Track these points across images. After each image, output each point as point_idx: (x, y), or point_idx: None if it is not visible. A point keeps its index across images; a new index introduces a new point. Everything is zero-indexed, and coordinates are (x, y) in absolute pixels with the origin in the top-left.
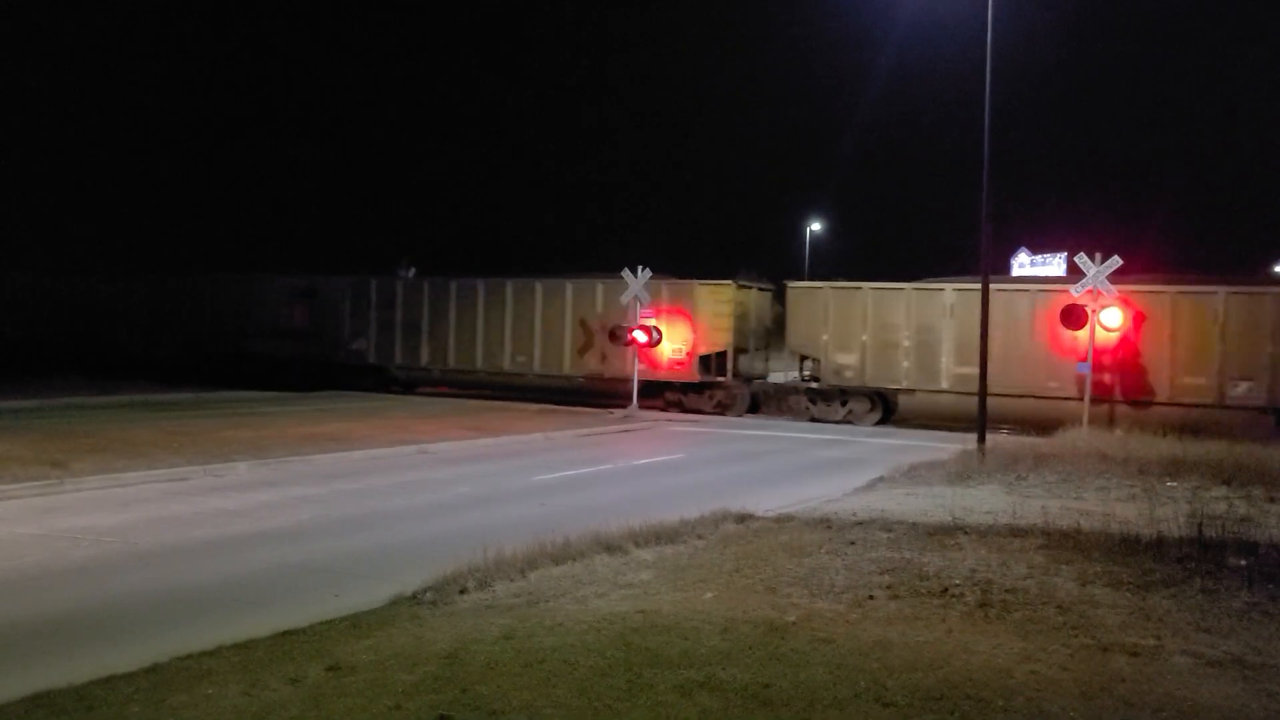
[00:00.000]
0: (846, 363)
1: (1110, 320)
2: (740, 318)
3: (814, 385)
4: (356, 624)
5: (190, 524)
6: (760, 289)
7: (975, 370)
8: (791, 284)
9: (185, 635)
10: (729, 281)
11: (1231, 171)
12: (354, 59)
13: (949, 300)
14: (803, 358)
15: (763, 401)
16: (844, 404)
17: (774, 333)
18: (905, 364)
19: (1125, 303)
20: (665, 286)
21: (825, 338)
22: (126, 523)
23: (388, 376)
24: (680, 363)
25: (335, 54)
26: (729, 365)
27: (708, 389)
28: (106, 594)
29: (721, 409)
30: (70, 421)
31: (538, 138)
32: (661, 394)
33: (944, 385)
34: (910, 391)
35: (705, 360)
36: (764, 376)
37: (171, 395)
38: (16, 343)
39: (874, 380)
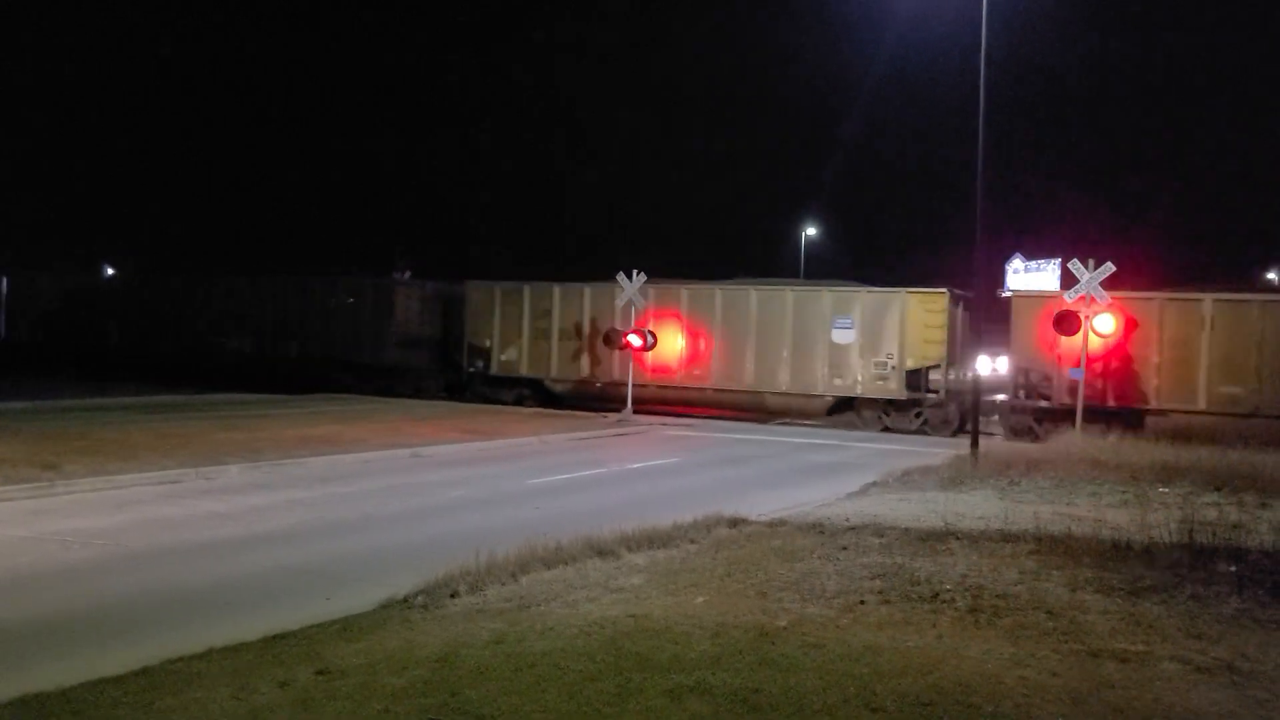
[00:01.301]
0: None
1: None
2: (951, 329)
3: (1044, 404)
4: (347, 627)
5: (182, 526)
6: (967, 299)
7: (1240, 389)
8: (1017, 292)
9: (175, 638)
10: (943, 290)
11: (1225, 178)
12: (345, 57)
13: (1207, 312)
14: (1019, 372)
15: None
16: (1074, 425)
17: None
18: (1155, 381)
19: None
20: (866, 295)
21: (1057, 351)
22: (118, 525)
23: (543, 390)
24: (884, 377)
25: (324, 52)
26: (943, 380)
27: (913, 406)
28: (96, 596)
29: (927, 428)
30: (65, 423)
31: (530, 140)
32: (855, 411)
33: (1201, 405)
34: (1162, 412)
35: (913, 375)
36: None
37: (167, 397)
38: (117, 345)
39: (1117, 399)
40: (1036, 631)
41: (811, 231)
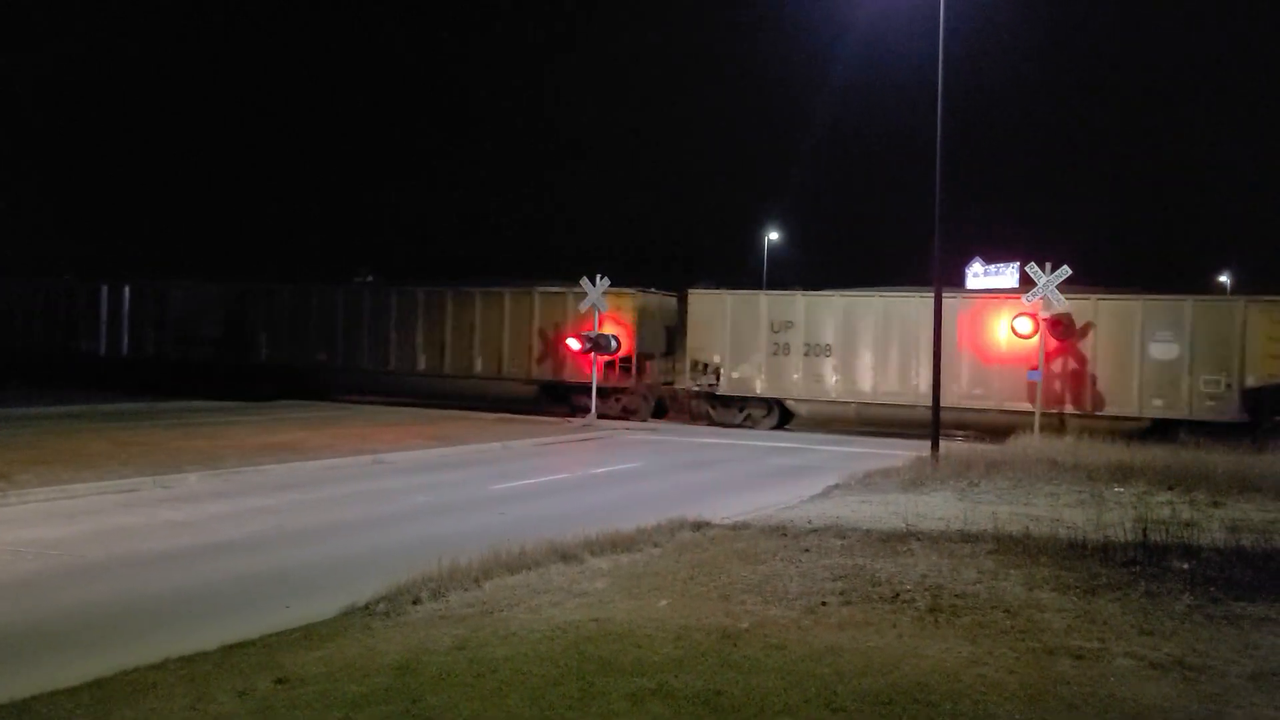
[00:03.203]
0: None
1: None
2: None
3: None
4: (307, 635)
5: (139, 536)
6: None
7: None
8: None
9: (132, 649)
10: None
11: (1180, 183)
12: (314, 60)
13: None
14: None
15: None
16: None
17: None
18: None
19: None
20: (1194, 305)
21: None
22: (73, 535)
23: (784, 411)
24: (1216, 397)
25: (291, 55)
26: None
27: (1250, 431)
28: (51, 607)
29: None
30: (19, 432)
31: (490, 148)
32: (1176, 436)
33: None
34: None
35: (1254, 395)
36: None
37: (125, 404)
38: (267, 361)
39: None
40: (994, 630)
41: (774, 236)
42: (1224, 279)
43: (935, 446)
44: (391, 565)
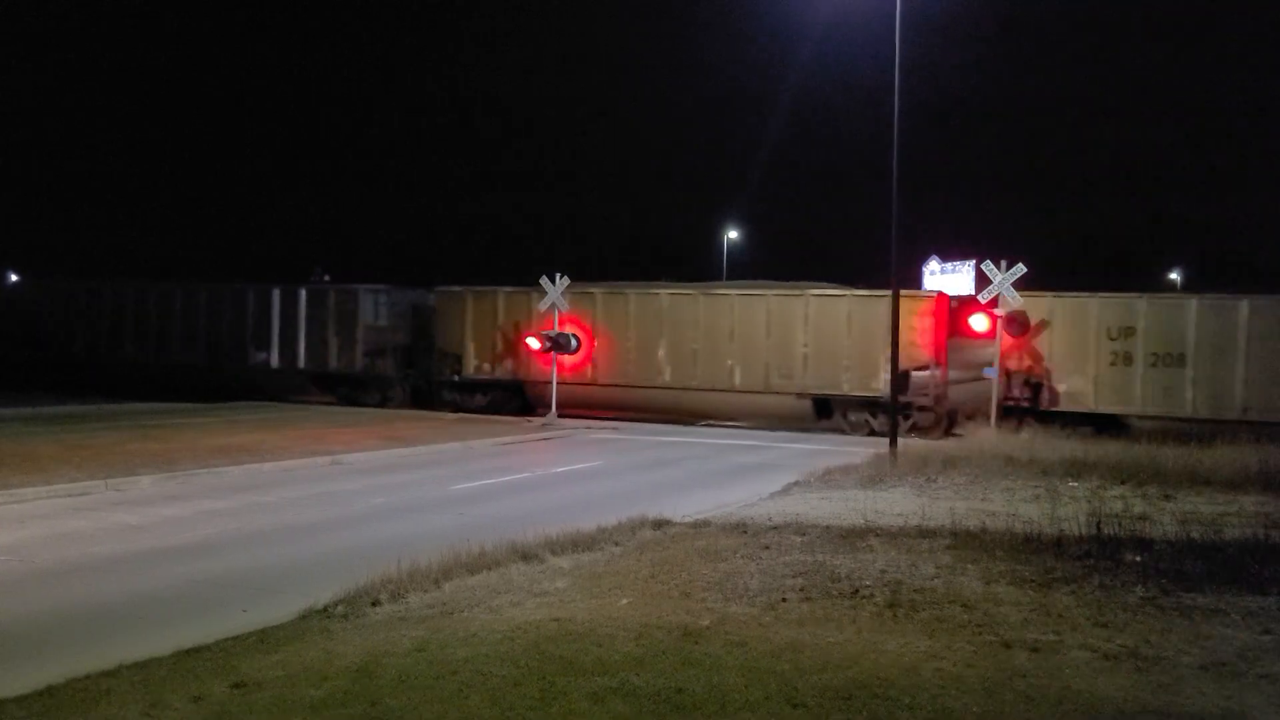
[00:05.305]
0: None
1: None
2: None
3: None
4: (264, 639)
5: (92, 540)
6: None
7: None
8: None
9: (84, 655)
10: None
11: (1135, 180)
12: (271, 58)
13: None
14: None
15: None
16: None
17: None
18: None
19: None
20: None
21: None
22: (23, 540)
23: (1118, 426)
24: None
25: (247, 52)
26: None
27: None
28: (0, 613)
29: None
30: None
31: (441, 141)
32: None
33: None
34: None
35: None
36: None
37: (78, 407)
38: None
39: None
40: (952, 624)
41: (733, 234)
42: (1175, 276)
43: (893, 443)
44: (350, 567)
